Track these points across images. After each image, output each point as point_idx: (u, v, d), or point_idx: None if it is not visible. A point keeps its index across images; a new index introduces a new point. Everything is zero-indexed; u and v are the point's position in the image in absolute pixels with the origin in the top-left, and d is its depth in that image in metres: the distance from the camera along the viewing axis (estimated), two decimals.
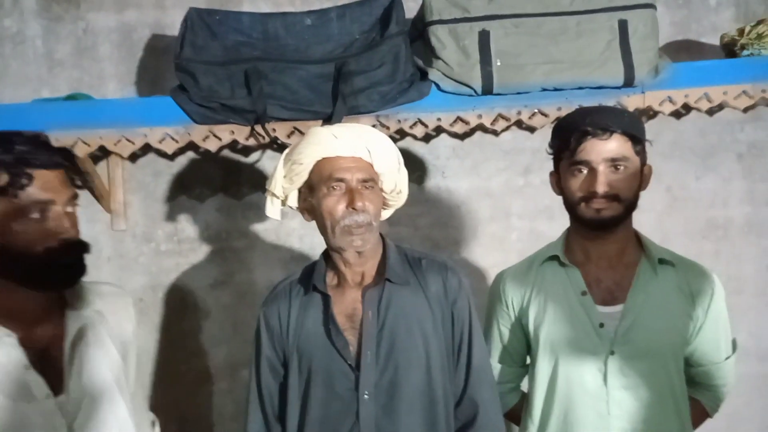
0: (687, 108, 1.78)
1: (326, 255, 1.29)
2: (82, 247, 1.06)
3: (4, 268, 1.01)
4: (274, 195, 1.29)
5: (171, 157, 1.91)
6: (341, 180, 1.19)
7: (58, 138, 1.55)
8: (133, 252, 1.94)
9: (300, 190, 1.27)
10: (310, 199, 1.24)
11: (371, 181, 1.22)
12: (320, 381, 1.20)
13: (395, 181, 1.29)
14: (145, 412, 1.31)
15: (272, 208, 1.30)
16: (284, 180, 1.26)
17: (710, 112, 1.90)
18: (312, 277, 1.26)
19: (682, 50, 1.92)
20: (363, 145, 1.21)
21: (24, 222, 0.99)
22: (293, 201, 1.30)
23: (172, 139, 1.59)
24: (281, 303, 1.27)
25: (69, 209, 1.05)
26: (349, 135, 1.22)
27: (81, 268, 1.07)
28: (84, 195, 1.84)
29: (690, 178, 1.98)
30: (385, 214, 1.36)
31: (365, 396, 1.17)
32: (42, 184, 1.01)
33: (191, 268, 1.96)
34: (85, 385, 1.08)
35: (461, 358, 1.24)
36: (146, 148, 1.69)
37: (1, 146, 1.00)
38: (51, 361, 1.07)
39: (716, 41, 1.83)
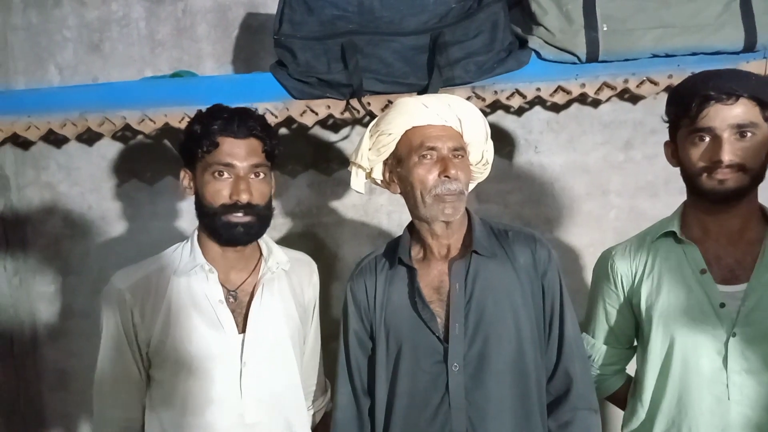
0: None
1: (411, 228, 1.28)
2: (255, 211, 1.20)
3: (201, 217, 1.23)
4: (360, 167, 1.29)
5: None
6: (433, 148, 1.18)
7: (166, 113, 1.62)
8: None
9: (386, 162, 1.27)
10: (399, 169, 1.24)
11: (462, 150, 1.21)
12: (408, 353, 1.21)
13: (482, 152, 1.28)
14: (319, 375, 1.45)
15: (357, 180, 1.31)
16: (370, 152, 1.26)
17: None
18: (397, 250, 1.26)
19: None
20: (453, 114, 1.21)
21: (209, 179, 1.19)
22: (378, 173, 1.30)
23: (272, 114, 1.62)
24: (367, 277, 1.28)
25: (252, 176, 1.20)
26: (439, 104, 1.21)
27: (249, 229, 1.21)
28: None
29: None
30: (470, 186, 1.34)
31: (454, 368, 1.17)
32: (227, 150, 1.18)
33: (284, 242, 2.00)
34: (263, 329, 1.24)
35: (553, 331, 1.22)
36: None
37: (211, 116, 1.19)
38: (240, 303, 1.25)
39: None
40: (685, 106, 1.12)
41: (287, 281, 1.32)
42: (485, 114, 1.92)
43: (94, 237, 2.00)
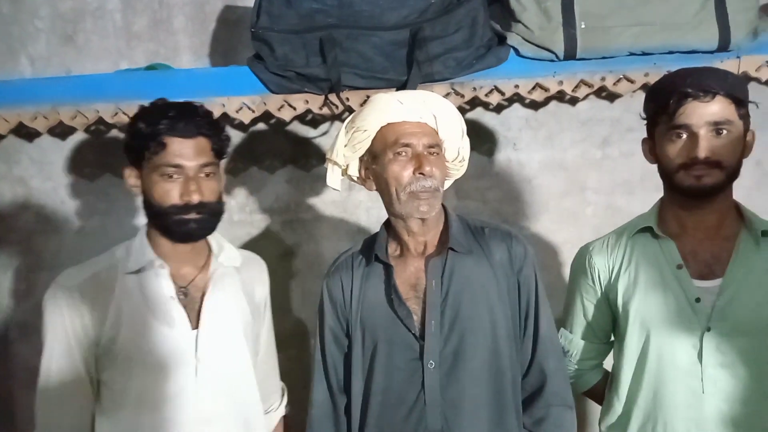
0: None
1: (387, 225, 1.28)
2: (205, 210, 1.18)
3: (150, 216, 1.21)
4: (335, 164, 1.28)
5: (243, 129, 1.93)
6: (407, 145, 1.18)
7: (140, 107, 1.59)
8: None
9: (362, 159, 1.26)
10: (374, 166, 1.23)
11: (437, 147, 1.21)
12: (384, 351, 1.20)
13: (458, 149, 1.27)
14: (275, 378, 1.44)
15: (333, 177, 1.30)
16: (346, 148, 1.25)
17: None
18: (373, 247, 1.25)
19: None
20: (429, 111, 1.20)
21: (158, 181, 1.16)
22: (354, 170, 1.29)
23: (249, 108, 1.60)
24: (343, 274, 1.27)
25: (202, 174, 1.18)
26: (414, 100, 1.21)
27: (199, 228, 1.20)
28: None
29: None
30: (446, 183, 1.34)
31: (430, 365, 1.17)
32: (175, 150, 1.16)
33: (262, 239, 1.99)
34: (216, 324, 1.23)
35: (528, 328, 1.23)
36: (221, 119, 1.71)
37: (157, 114, 1.16)
38: (192, 299, 1.24)
39: None
40: (663, 103, 1.13)
41: (238, 278, 1.30)
42: (464, 111, 1.92)
43: (67, 232, 1.96)
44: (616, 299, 1.25)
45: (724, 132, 1.11)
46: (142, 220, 1.93)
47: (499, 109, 1.91)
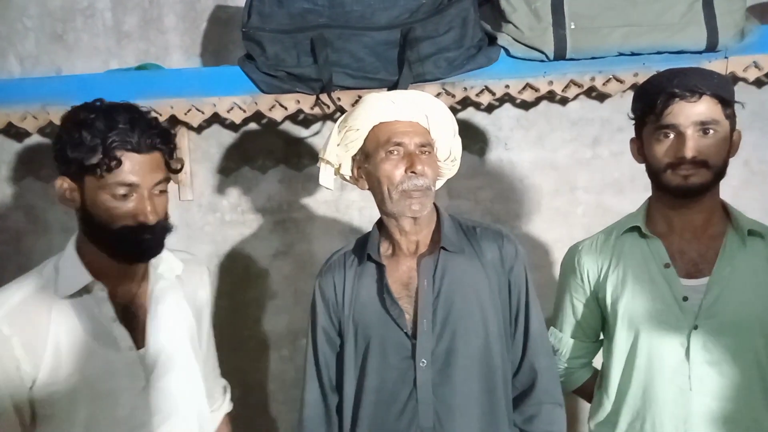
0: None
1: (380, 225, 1.28)
2: (159, 230, 1.09)
3: (92, 234, 1.09)
4: (328, 163, 1.29)
5: (235, 129, 1.93)
6: (399, 144, 1.18)
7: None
8: (199, 222, 1.97)
9: (354, 158, 1.27)
10: (366, 165, 1.23)
11: (429, 146, 1.22)
12: (376, 350, 1.21)
13: (450, 148, 1.28)
14: (217, 377, 1.37)
15: (325, 176, 1.31)
16: (338, 147, 1.26)
17: None
18: (366, 246, 1.26)
19: None
20: (420, 111, 1.21)
21: (108, 200, 1.04)
22: (346, 169, 1.29)
23: (240, 108, 1.60)
24: (336, 273, 1.27)
25: (156, 192, 1.08)
26: (406, 100, 1.21)
27: (152, 248, 1.10)
28: None
29: None
30: (438, 183, 1.35)
31: (422, 364, 1.17)
32: (130, 167, 1.03)
33: (254, 239, 1.99)
34: (163, 341, 1.15)
35: (519, 326, 1.24)
36: (212, 119, 1.71)
37: (103, 121, 1.02)
38: (133, 317, 1.15)
39: None
40: (651, 103, 1.14)
41: (180, 287, 1.22)
42: (456, 111, 1.93)
43: (57, 233, 1.95)
44: (605, 298, 1.26)
45: (711, 132, 1.12)
46: None
47: (490, 108, 1.92)
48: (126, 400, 1.11)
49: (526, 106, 1.91)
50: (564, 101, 1.88)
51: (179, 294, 1.20)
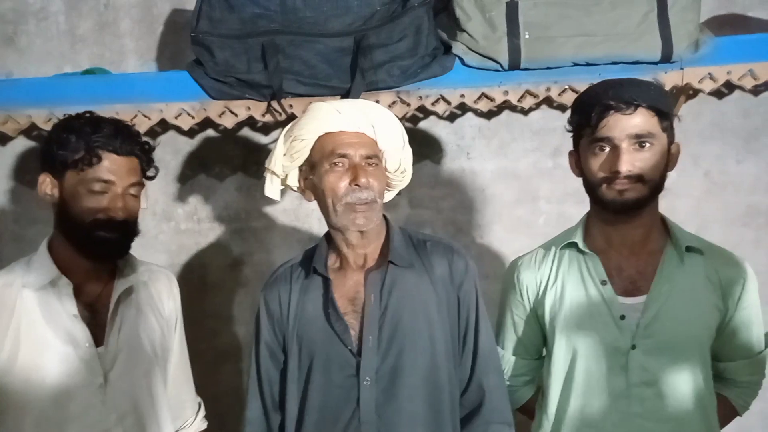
0: (730, 86, 1.67)
1: (328, 237, 1.25)
2: (127, 228, 1.18)
3: (65, 229, 1.17)
4: (273, 173, 1.25)
5: (190, 135, 1.89)
6: (344, 156, 1.15)
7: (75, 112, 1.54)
8: (153, 230, 1.93)
9: (301, 169, 1.24)
10: (311, 177, 1.20)
11: (375, 158, 1.18)
12: (320, 367, 1.17)
13: (399, 160, 1.25)
14: (190, 391, 1.40)
15: (271, 187, 1.27)
16: (284, 158, 1.23)
17: (755, 91, 1.78)
18: (313, 259, 1.22)
19: (726, 25, 1.79)
20: (367, 121, 1.18)
21: (84, 195, 1.14)
22: (293, 180, 1.26)
23: (188, 114, 1.56)
24: (281, 286, 1.24)
25: (129, 192, 1.18)
26: (352, 110, 1.18)
27: (119, 246, 1.19)
28: None
29: (730, 162, 1.87)
30: (388, 195, 1.32)
31: (366, 382, 1.14)
32: (108, 166, 1.15)
33: (211, 248, 1.95)
34: (122, 341, 1.20)
35: (467, 344, 1.20)
36: (164, 125, 1.67)
37: (90, 127, 1.15)
38: (96, 316, 1.19)
39: (765, 14, 1.70)
40: (586, 115, 1.11)
41: (145, 292, 1.28)
42: (417, 120, 1.91)
43: (6, 241, 1.90)
44: (544, 315, 1.23)
45: (647, 145, 1.09)
46: None
47: (452, 118, 1.90)
48: (81, 397, 1.13)
49: (488, 115, 1.89)
50: (526, 111, 1.87)
51: (142, 298, 1.26)
